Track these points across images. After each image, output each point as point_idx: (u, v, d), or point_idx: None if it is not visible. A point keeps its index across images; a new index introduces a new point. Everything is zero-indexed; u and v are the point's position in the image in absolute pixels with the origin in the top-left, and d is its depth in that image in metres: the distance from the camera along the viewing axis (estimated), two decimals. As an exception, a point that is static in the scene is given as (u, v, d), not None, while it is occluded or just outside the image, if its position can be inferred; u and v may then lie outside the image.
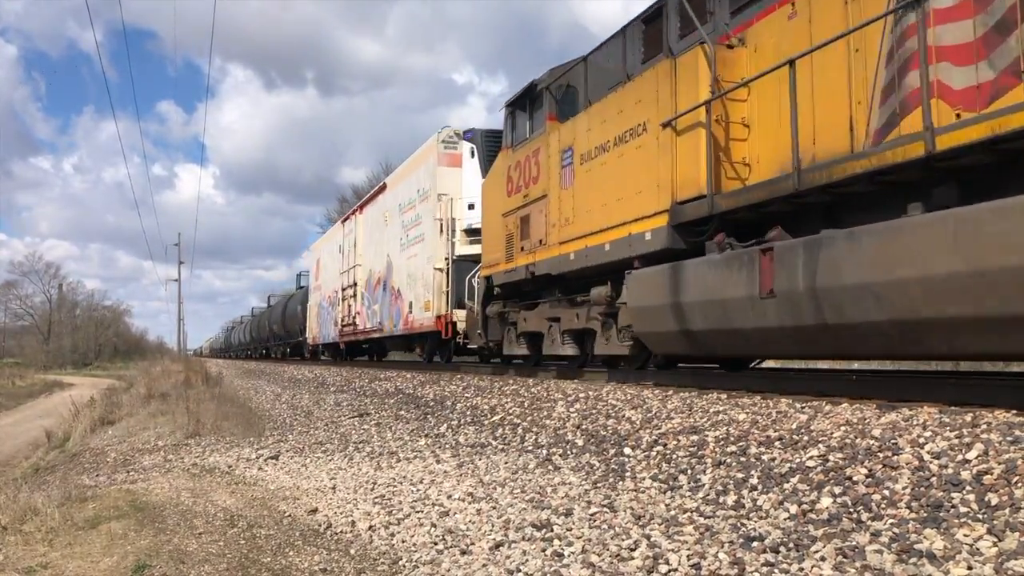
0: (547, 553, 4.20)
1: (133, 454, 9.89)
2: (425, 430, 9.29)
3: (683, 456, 5.54)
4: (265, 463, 8.30)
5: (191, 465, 8.52)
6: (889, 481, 4.05)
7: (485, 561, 4.28)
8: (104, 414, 16.37)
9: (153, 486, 7.27)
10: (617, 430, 6.63)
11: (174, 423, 12.21)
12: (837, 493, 4.15)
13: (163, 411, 14.58)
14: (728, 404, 6.43)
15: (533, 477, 6.06)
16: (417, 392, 12.48)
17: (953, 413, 4.74)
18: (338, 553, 4.87)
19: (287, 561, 4.77)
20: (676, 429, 6.12)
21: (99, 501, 6.66)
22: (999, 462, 3.82)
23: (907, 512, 3.72)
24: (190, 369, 27.28)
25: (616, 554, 4.02)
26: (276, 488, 6.95)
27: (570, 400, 8.28)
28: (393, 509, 5.65)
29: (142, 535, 5.45)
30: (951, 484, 3.79)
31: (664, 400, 7.15)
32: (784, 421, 5.51)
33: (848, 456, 4.51)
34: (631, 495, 5.11)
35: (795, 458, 4.77)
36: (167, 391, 19.30)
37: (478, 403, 9.84)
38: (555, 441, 7.01)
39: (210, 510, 6.15)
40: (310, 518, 5.79)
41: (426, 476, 6.63)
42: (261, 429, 12.07)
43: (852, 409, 5.37)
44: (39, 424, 19.98)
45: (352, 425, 10.79)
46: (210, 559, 4.86)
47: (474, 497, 5.66)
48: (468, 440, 8.15)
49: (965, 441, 4.18)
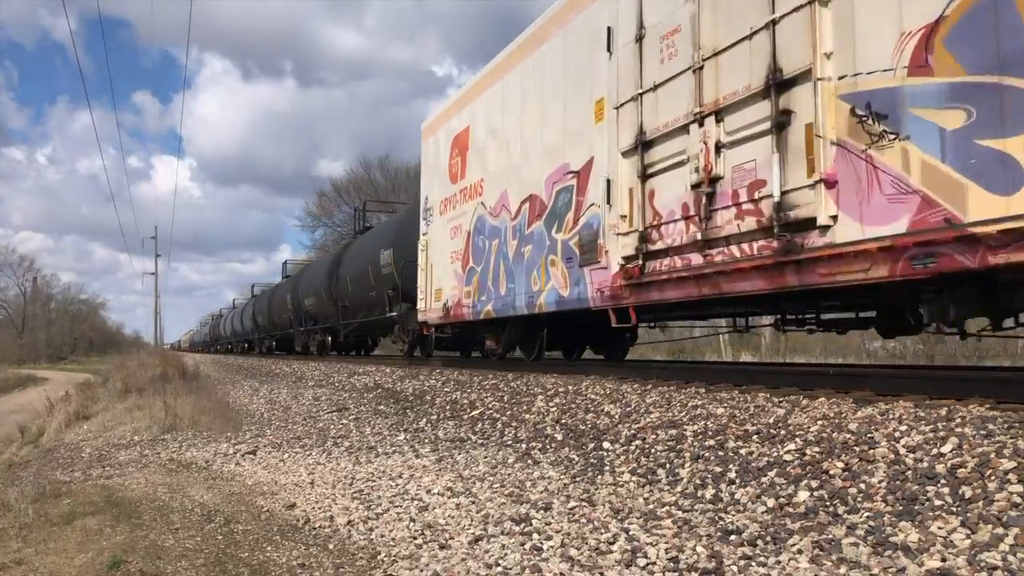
0: (526, 547, 4.20)
1: (109, 449, 9.79)
2: (404, 425, 9.27)
3: (662, 450, 5.56)
4: (243, 458, 8.24)
5: (168, 460, 8.44)
6: (865, 475, 4.09)
7: (464, 555, 4.27)
8: (79, 409, 16.20)
9: (129, 481, 7.20)
10: (596, 424, 6.65)
11: (151, 418, 12.09)
12: (814, 487, 4.19)
13: (139, 406, 14.44)
14: (707, 398, 6.46)
15: (512, 471, 6.06)
16: (396, 387, 12.45)
17: (928, 407, 4.80)
18: (316, 548, 4.85)
19: (265, 556, 4.74)
20: (655, 423, 6.15)
21: (74, 497, 6.59)
22: (973, 455, 3.87)
23: (883, 505, 3.76)
24: (167, 363, 27.03)
25: (595, 548, 4.03)
26: (254, 483, 6.90)
27: (549, 394, 8.29)
28: (372, 504, 5.63)
29: (118, 531, 5.40)
30: (926, 478, 3.83)
31: (643, 394, 7.17)
32: (762, 415, 5.55)
33: (825, 450, 4.55)
34: (610, 489, 5.12)
35: (772, 452, 4.81)
36: (144, 385, 19.12)
37: (457, 398, 9.82)
38: (534, 435, 7.02)
39: (187, 505, 6.10)
40: (288, 513, 5.75)
41: (405, 471, 6.61)
42: (239, 424, 11.99)
43: (829, 403, 5.41)
44: (12, 419, 19.72)
45: (331, 420, 10.74)
46: (187, 554, 4.82)
47: (453, 492, 5.65)
48: (447, 435, 8.14)
49: (940, 435, 4.23)
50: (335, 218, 54.09)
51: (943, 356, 17.53)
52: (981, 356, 17.06)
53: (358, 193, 51.15)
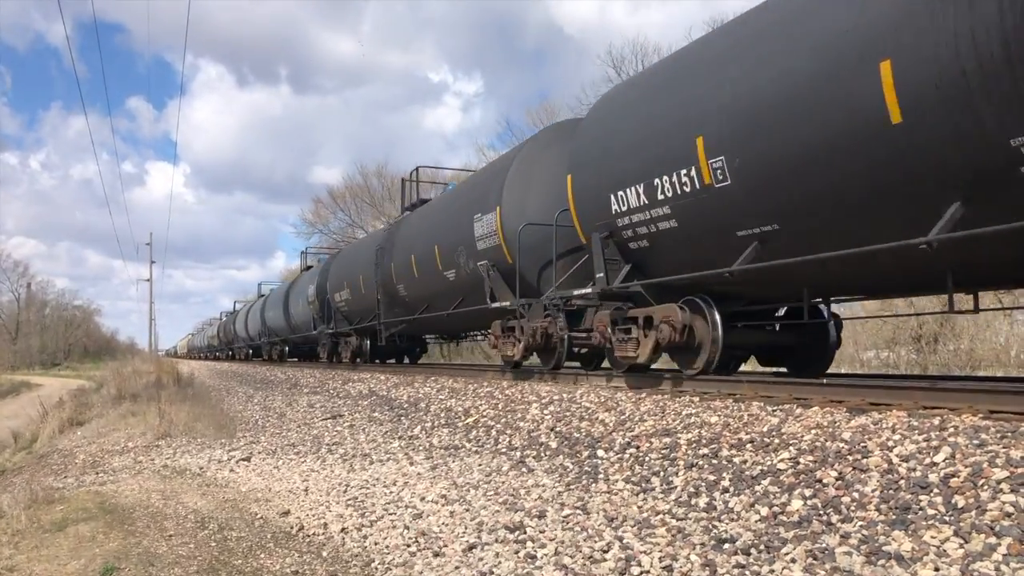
0: (520, 555, 4.20)
1: (102, 455, 9.77)
2: (399, 432, 9.26)
3: (656, 458, 5.57)
4: (237, 465, 8.23)
5: (162, 467, 8.42)
6: (859, 484, 4.10)
7: (458, 563, 4.27)
8: (73, 415, 16.18)
9: (123, 488, 7.19)
10: (591, 432, 6.65)
11: (145, 424, 12.08)
12: (807, 495, 4.20)
13: (134, 412, 14.42)
14: (700, 407, 6.47)
15: (507, 479, 6.06)
16: (391, 394, 12.43)
17: (922, 416, 4.81)
18: (310, 555, 4.84)
19: (258, 563, 4.74)
20: (649, 431, 6.16)
21: (67, 503, 6.57)
22: (966, 465, 3.88)
23: (876, 514, 3.77)
24: (162, 370, 26.98)
25: (589, 556, 4.03)
26: (248, 490, 6.89)
27: (544, 402, 8.29)
28: (366, 511, 5.63)
29: (111, 537, 5.39)
30: (919, 487, 3.85)
31: (637, 403, 7.18)
32: (755, 424, 5.56)
33: (818, 459, 4.56)
34: (604, 497, 5.13)
35: (766, 460, 4.82)
36: (138, 392, 19.08)
37: (452, 405, 9.82)
38: (529, 443, 7.02)
39: (181, 512, 6.09)
40: (282, 520, 5.75)
41: (399, 478, 6.61)
42: (233, 430, 11.97)
43: (823, 412, 5.43)
44: (6, 425, 19.67)
45: (325, 427, 10.73)
46: (180, 561, 4.81)
47: (447, 499, 5.65)
48: (442, 442, 8.13)
49: (933, 444, 4.24)
50: (330, 225, 53.98)
51: (936, 366, 17.57)
52: (974, 366, 17.11)
53: (354, 200, 51.12)
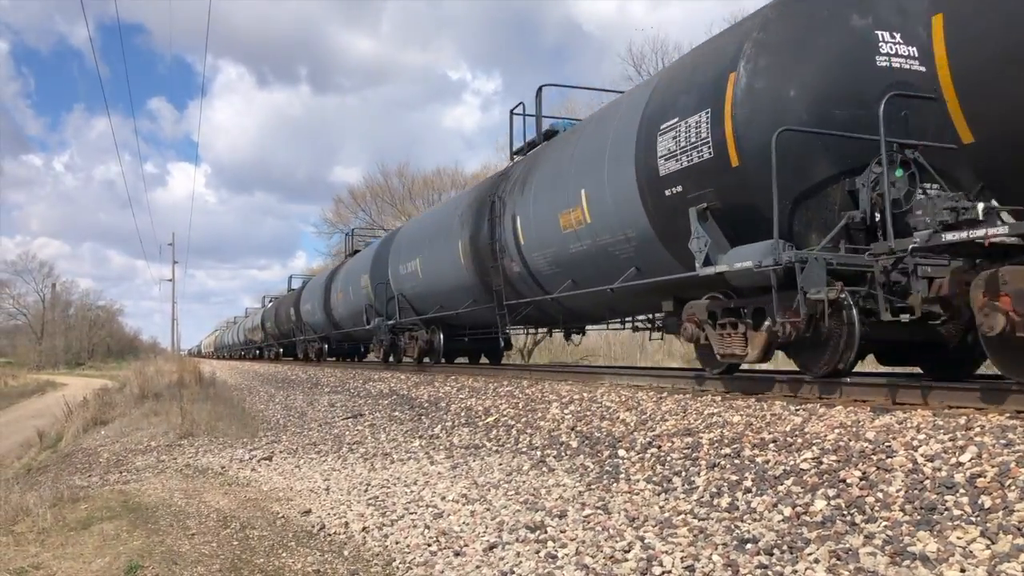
0: (541, 555, 4.20)
1: (126, 454, 9.86)
2: (419, 431, 9.28)
3: (677, 458, 5.54)
4: (258, 464, 8.28)
5: (184, 466, 8.49)
6: (883, 484, 4.06)
7: (479, 563, 4.27)
8: (97, 414, 16.33)
9: (146, 487, 7.25)
10: (611, 432, 6.63)
11: (167, 423, 12.18)
12: (831, 495, 4.16)
13: (156, 411, 14.54)
14: (722, 406, 6.43)
15: (527, 479, 6.06)
16: (411, 393, 12.46)
17: (947, 416, 4.75)
18: (331, 554, 4.86)
19: (280, 562, 4.76)
20: (670, 431, 6.12)
21: (91, 502, 6.64)
22: (992, 465, 3.83)
23: (901, 515, 3.72)
24: (184, 369, 27.18)
25: (610, 556, 4.01)
26: (269, 489, 6.93)
27: (564, 402, 8.28)
28: (387, 510, 5.64)
29: (134, 536, 5.43)
30: (945, 487, 3.80)
31: (658, 402, 7.15)
32: (778, 423, 5.52)
33: (842, 459, 4.51)
34: (625, 497, 5.11)
35: (789, 460, 4.78)
36: (160, 391, 19.25)
37: (472, 404, 9.82)
38: (549, 443, 7.01)
39: (203, 511, 6.13)
40: (303, 519, 5.77)
41: (420, 477, 6.62)
42: (255, 430, 12.04)
43: (846, 412, 5.38)
44: (31, 424, 19.91)
45: (346, 426, 10.77)
46: (203, 560, 4.84)
47: (468, 498, 5.65)
48: (462, 441, 8.13)
49: (959, 444, 4.19)
50: (351, 225, 54.25)
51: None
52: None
53: (375, 200, 51.29)
